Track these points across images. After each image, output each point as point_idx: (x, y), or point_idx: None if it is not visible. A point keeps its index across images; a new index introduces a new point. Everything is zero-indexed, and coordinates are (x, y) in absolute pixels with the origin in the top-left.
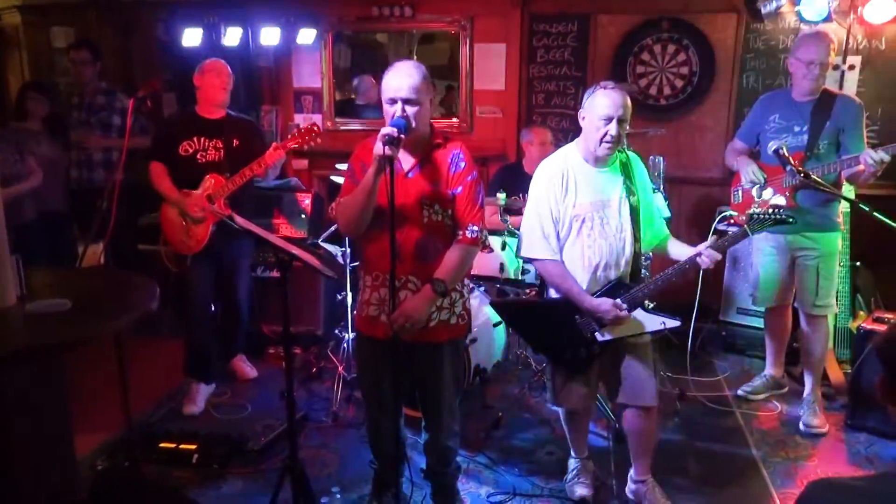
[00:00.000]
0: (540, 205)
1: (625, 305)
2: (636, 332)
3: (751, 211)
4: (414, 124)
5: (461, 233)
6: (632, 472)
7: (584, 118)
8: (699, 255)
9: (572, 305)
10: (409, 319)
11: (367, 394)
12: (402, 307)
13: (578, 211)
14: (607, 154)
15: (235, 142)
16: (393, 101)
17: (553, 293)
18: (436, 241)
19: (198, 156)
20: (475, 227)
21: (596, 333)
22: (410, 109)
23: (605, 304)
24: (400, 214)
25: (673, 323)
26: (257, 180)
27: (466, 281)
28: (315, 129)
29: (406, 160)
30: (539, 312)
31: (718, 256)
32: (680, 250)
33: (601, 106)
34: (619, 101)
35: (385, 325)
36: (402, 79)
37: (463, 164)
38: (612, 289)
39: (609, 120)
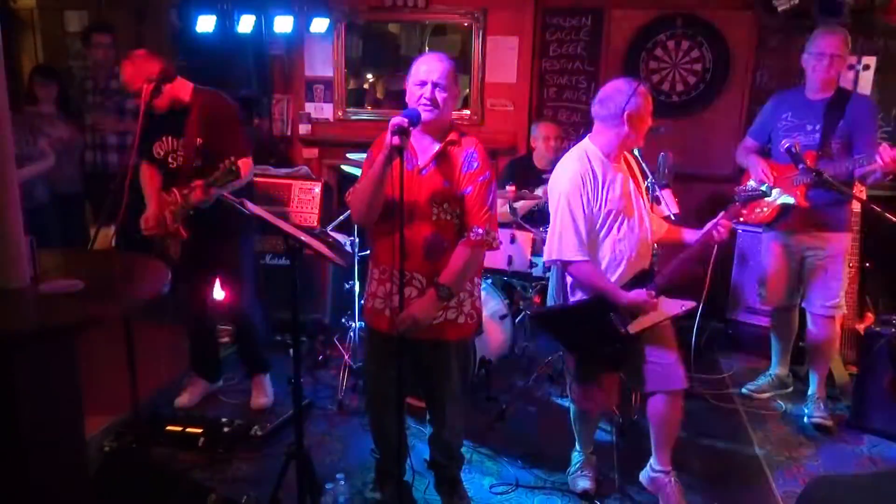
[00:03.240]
0: (572, 204)
1: (654, 293)
2: (661, 318)
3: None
4: (440, 110)
5: (467, 234)
6: (652, 460)
7: (631, 116)
8: (716, 227)
9: (605, 303)
10: (415, 323)
11: (369, 383)
12: (408, 310)
13: (612, 206)
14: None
15: (199, 140)
16: (423, 84)
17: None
18: (444, 239)
19: (169, 159)
20: (480, 230)
21: (628, 328)
22: (440, 95)
23: (640, 296)
24: (410, 211)
25: (690, 304)
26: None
27: (477, 280)
28: (234, 167)
29: (422, 156)
30: (575, 315)
31: (731, 224)
32: (686, 234)
33: (649, 104)
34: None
35: (389, 318)
36: (434, 62)
37: (476, 164)
38: (639, 279)
39: (651, 118)
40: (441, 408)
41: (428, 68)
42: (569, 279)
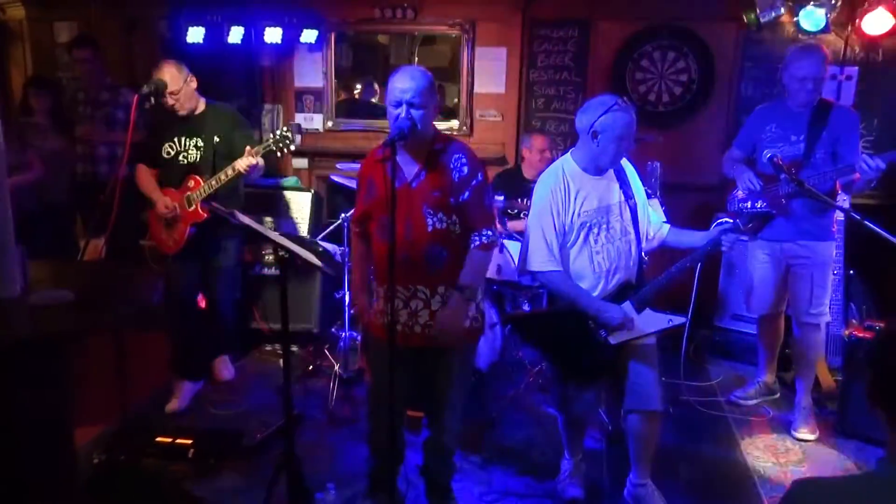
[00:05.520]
0: (543, 218)
1: (633, 313)
2: (645, 331)
3: (738, 207)
4: (419, 127)
5: (477, 239)
6: (631, 475)
7: (597, 134)
8: (720, 243)
9: (583, 312)
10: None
11: (374, 393)
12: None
13: (585, 218)
14: (616, 166)
15: (216, 139)
16: (398, 104)
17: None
18: (443, 248)
19: (179, 157)
20: (489, 232)
21: (609, 337)
22: (415, 113)
23: (611, 308)
24: (406, 225)
25: (679, 319)
26: (248, 178)
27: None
28: (288, 134)
29: (410, 169)
30: (552, 321)
31: (734, 237)
32: (685, 238)
33: (624, 126)
34: (634, 119)
35: (399, 331)
36: (407, 82)
37: (466, 169)
38: (621, 291)
39: (629, 138)
40: (441, 411)
41: (402, 88)
42: None
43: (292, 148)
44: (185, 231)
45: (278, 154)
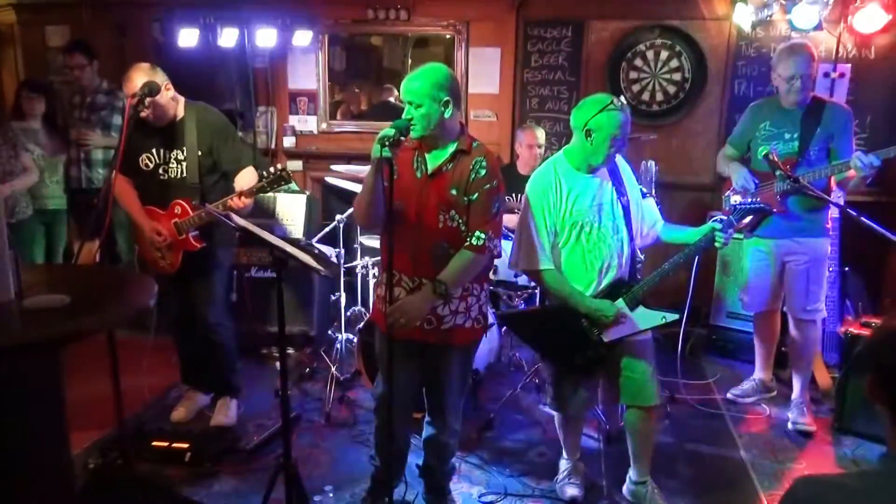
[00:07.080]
0: (535, 217)
1: (626, 310)
2: (639, 328)
3: (733, 202)
4: (418, 126)
5: (469, 239)
6: (630, 473)
7: (591, 133)
8: (714, 238)
9: (575, 310)
10: (405, 316)
11: (380, 386)
12: (399, 303)
13: (576, 218)
14: (609, 165)
15: (200, 152)
16: (407, 104)
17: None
18: (451, 246)
19: (159, 171)
20: (482, 235)
21: (602, 335)
22: (415, 112)
23: (603, 304)
24: (418, 217)
25: (672, 316)
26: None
27: (486, 286)
28: (285, 172)
29: (433, 163)
30: (546, 319)
31: (733, 232)
32: (679, 234)
33: (617, 125)
34: (629, 119)
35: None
36: (408, 83)
37: (483, 172)
38: (613, 289)
39: (622, 138)
40: (441, 410)
41: (404, 88)
42: None
43: (294, 187)
44: (179, 257)
45: (271, 194)
